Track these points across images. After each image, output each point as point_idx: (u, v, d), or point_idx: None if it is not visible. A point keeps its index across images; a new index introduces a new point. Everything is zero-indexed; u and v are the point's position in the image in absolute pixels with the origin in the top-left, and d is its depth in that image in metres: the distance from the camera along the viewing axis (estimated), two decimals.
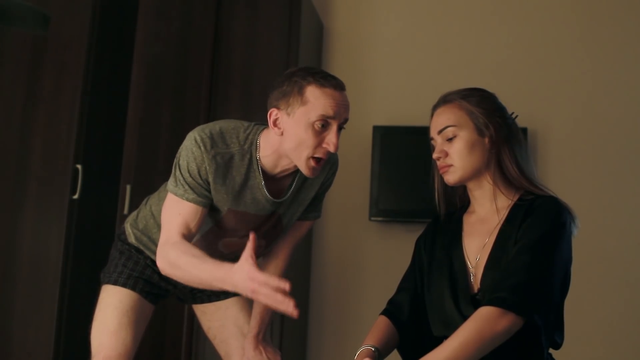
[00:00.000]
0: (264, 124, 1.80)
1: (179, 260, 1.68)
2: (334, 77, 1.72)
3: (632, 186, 3.32)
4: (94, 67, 3.12)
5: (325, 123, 1.69)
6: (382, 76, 3.60)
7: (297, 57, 3.14)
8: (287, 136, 1.72)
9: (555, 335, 1.61)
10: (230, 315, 2.07)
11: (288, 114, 1.70)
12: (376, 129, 3.42)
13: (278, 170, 1.80)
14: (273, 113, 1.73)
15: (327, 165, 1.89)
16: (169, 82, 3.18)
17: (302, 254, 3.34)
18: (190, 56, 3.20)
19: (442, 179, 1.72)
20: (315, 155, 1.72)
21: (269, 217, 1.86)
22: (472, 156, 1.65)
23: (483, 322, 1.47)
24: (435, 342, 1.60)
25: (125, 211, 2.98)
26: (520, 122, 1.76)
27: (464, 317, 1.56)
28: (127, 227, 2.03)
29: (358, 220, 3.47)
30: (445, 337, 1.60)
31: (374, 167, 3.38)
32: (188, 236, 1.76)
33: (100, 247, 2.89)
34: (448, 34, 3.59)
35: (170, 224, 1.76)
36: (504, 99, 1.75)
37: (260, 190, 1.80)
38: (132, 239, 1.99)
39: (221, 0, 3.23)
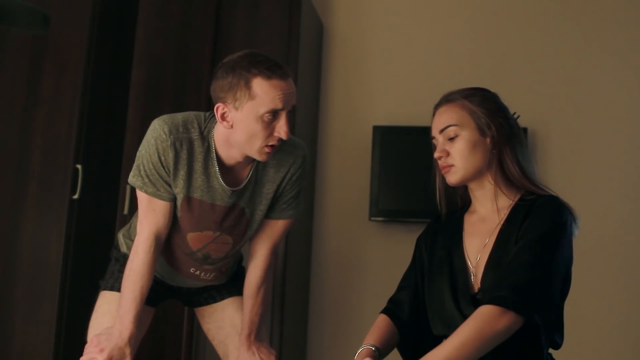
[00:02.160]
0: None
1: (133, 269, 1.82)
2: (279, 66, 1.70)
3: (633, 186, 3.32)
4: (94, 67, 3.11)
5: (274, 113, 1.69)
6: (382, 76, 3.60)
7: (297, 57, 3.15)
8: (237, 129, 1.71)
9: (555, 335, 1.61)
10: (227, 317, 2.07)
11: (236, 108, 1.69)
12: (376, 129, 3.42)
13: (232, 162, 1.80)
14: (220, 107, 1.72)
15: (289, 158, 1.87)
16: (169, 82, 3.17)
17: (302, 254, 3.34)
18: (190, 56, 3.19)
19: (443, 178, 1.72)
20: (269, 144, 1.72)
21: (230, 209, 1.84)
22: (473, 156, 1.65)
23: (483, 321, 1.47)
24: (435, 341, 1.60)
25: (125, 211, 2.98)
26: (521, 122, 1.76)
27: (464, 317, 1.56)
28: (120, 237, 2.05)
29: (358, 220, 3.46)
30: (445, 336, 1.60)
31: (374, 167, 3.38)
32: (160, 231, 1.83)
33: (100, 248, 2.90)
34: (448, 33, 3.59)
35: (143, 217, 1.83)
36: (505, 98, 1.75)
37: (217, 178, 1.80)
38: (124, 249, 2.01)
39: (221, 0, 3.23)
